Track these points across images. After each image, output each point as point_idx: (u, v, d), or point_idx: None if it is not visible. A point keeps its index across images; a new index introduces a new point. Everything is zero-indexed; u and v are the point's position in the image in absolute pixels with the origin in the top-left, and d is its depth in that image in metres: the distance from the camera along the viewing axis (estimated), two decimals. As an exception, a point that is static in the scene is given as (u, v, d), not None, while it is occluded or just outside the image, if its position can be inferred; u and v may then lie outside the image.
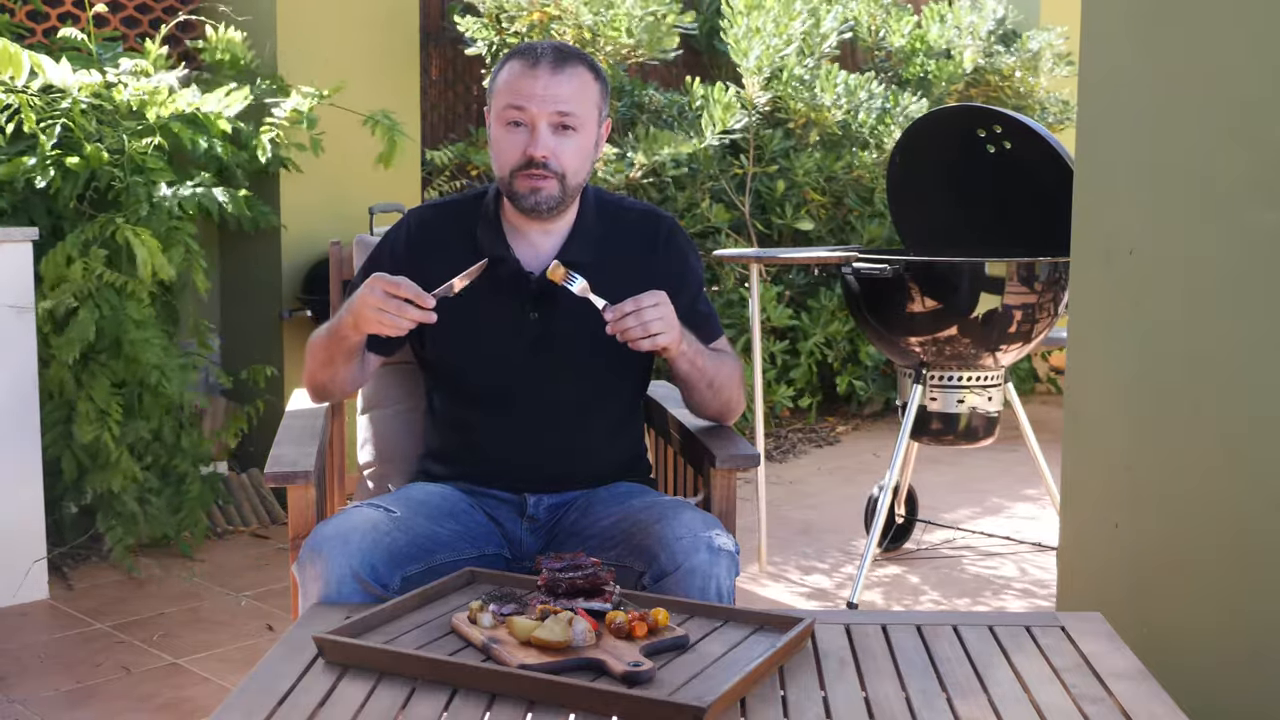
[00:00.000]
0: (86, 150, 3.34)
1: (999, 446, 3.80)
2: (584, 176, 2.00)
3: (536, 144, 1.92)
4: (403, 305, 1.82)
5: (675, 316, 1.88)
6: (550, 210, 1.98)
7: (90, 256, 3.34)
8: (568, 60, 1.95)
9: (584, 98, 1.95)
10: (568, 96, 1.93)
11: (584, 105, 1.95)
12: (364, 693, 1.41)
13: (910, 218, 3.69)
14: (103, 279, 3.33)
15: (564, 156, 1.94)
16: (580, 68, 1.96)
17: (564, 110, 1.93)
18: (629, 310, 1.83)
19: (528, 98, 1.92)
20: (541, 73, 1.92)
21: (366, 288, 1.85)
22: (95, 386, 3.38)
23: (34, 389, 3.27)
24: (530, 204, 1.96)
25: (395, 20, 4.47)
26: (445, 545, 1.88)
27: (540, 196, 1.95)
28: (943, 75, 5.82)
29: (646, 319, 1.83)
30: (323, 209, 4.17)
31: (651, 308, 1.84)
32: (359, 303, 1.86)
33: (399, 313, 1.82)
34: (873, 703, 1.41)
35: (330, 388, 2.08)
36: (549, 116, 1.92)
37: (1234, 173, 1.98)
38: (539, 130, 1.93)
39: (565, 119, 1.93)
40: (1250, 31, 1.95)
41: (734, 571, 1.81)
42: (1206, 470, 2.03)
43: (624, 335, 1.84)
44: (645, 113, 5.12)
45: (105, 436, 3.36)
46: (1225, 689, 2.01)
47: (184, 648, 3.00)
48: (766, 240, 5.41)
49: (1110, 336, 2.19)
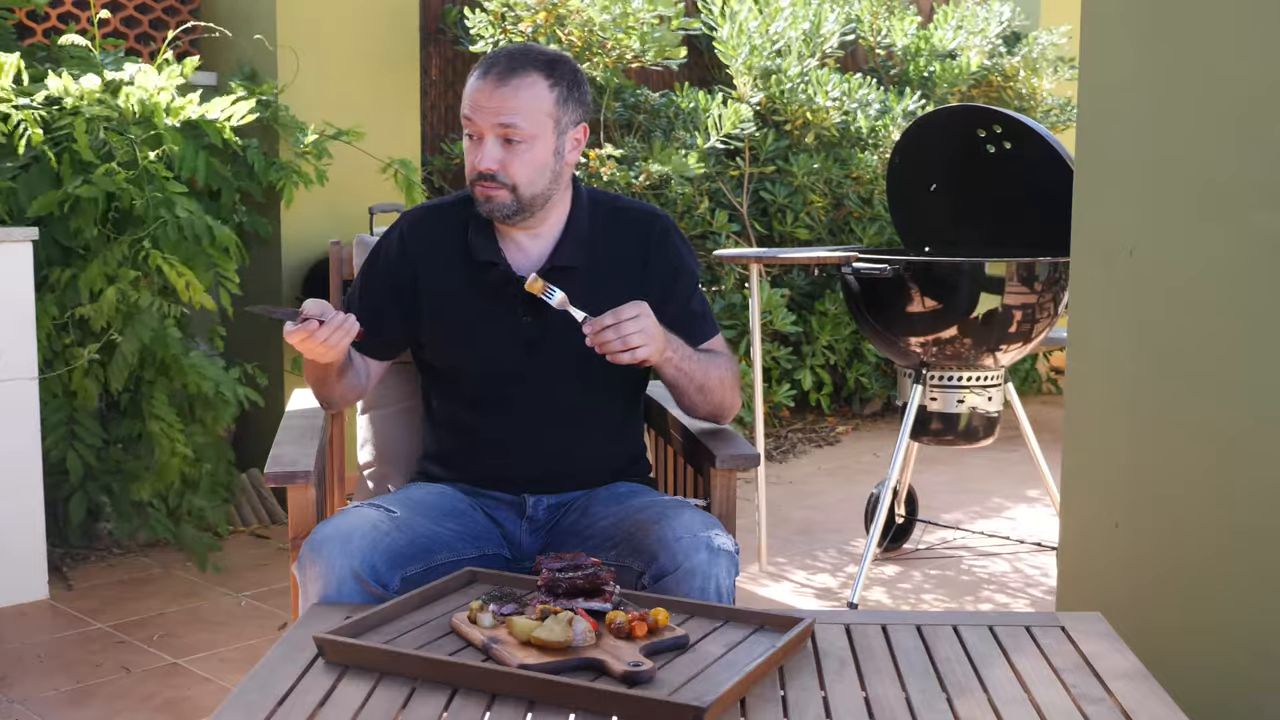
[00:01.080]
0: (96, 177, 3.34)
1: (999, 446, 3.80)
2: (543, 185, 1.96)
3: (481, 156, 1.92)
4: (326, 332, 1.83)
5: (657, 327, 1.86)
6: (509, 218, 1.96)
7: (120, 277, 3.36)
8: (517, 70, 1.91)
9: (533, 108, 1.91)
10: (513, 108, 1.89)
11: (532, 116, 1.91)
12: (364, 693, 1.41)
13: (910, 218, 3.69)
14: (135, 304, 3.37)
15: (512, 168, 1.92)
16: (532, 76, 1.91)
17: (506, 122, 1.90)
18: (608, 324, 1.82)
19: (476, 109, 1.91)
20: (488, 84, 1.90)
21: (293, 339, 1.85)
22: (156, 405, 3.49)
23: (35, 389, 3.27)
24: (486, 211, 1.96)
25: (395, 20, 4.47)
26: (445, 545, 1.88)
27: (493, 205, 1.94)
28: (946, 76, 5.82)
29: (625, 332, 1.82)
30: (323, 209, 4.17)
31: (630, 320, 1.82)
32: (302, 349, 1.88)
33: (326, 339, 1.83)
34: (873, 703, 1.41)
35: (333, 399, 2.09)
36: (492, 129, 1.91)
37: (1234, 173, 1.98)
38: (485, 142, 1.92)
39: (509, 131, 1.90)
40: (1250, 31, 1.95)
41: (734, 571, 1.81)
42: (1206, 470, 2.03)
43: (602, 348, 1.83)
44: (641, 113, 5.12)
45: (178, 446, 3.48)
46: (1225, 689, 2.01)
47: (184, 648, 3.00)
48: (767, 243, 5.41)
49: (1110, 336, 2.19)
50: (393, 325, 2.05)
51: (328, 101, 4.17)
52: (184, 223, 3.44)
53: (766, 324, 5.04)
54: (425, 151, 4.84)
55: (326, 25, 4.26)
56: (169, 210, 3.43)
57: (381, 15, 4.43)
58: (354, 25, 4.34)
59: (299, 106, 4.07)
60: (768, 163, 5.34)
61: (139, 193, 3.40)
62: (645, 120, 5.11)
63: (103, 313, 3.34)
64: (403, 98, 4.49)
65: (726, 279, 5.13)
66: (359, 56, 4.35)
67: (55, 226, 3.42)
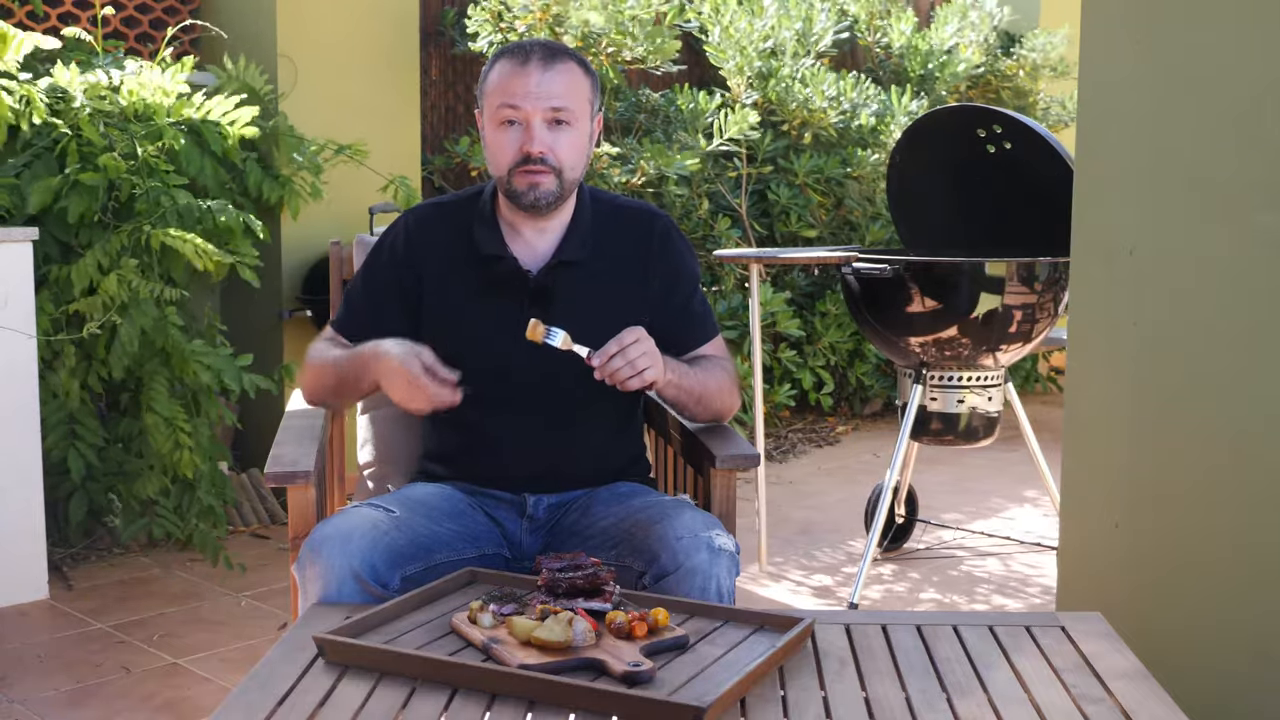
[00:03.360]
0: (101, 161, 3.34)
1: (999, 446, 3.80)
2: (580, 171, 2.01)
3: (532, 140, 1.94)
4: (436, 384, 1.84)
5: (656, 349, 1.88)
6: (549, 205, 1.99)
7: (123, 266, 3.35)
8: (557, 56, 1.96)
9: (576, 93, 1.96)
10: (560, 92, 1.94)
11: (576, 100, 1.96)
12: (364, 693, 1.41)
13: (910, 217, 3.69)
14: (136, 290, 3.35)
15: (560, 151, 1.96)
16: (570, 63, 1.97)
17: (557, 105, 1.94)
18: (614, 352, 1.84)
19: (521, 96, 1.93)
20: (533, 70, 1.94)
21: (408, 357, 1.84)
22: (155, 396, 3.43)
23: (35, 389, 3.27)
24: (530, 200, 1.97)
25: (395, 20, 4.47)
26: (445, 545, 1.88)
27: (539, 192, 1.96)
28: (944, 76, 5.82)
29: (631, 357, 1.84)
30: (323, 209, 4.17)
31: (634, 344, 1.84)
32: (392, 370, 1.86)
33: (435, 390, 1.83)
34: (873, 703, 1.41)
35: (333, 406, 2.10)
36: (543, 113, 1.94)
37: (1234, 173, 1.98)
38: (534, 126, 1.94)
39: (559, 114, 1.94)
40: (1250, 31, 1.95)
41: (734, 571, 1.81)
42: (1206, 470, 2.03)
43: (613, 378, 1.85)
44: (643, 113, 5.12)
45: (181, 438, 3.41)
46: (1226, 689, 2.01)
47: (184, 648, 3.00)
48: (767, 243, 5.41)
49: (1110, 336, 2.19)
50: (395, 322, 2.05)
51: (328, 106, 4.17)
52: (182, 209, 3.44)
53: (768, 325, 5.04)
54: (426, 152, 4.84)
55: (327, 26, 4.26)
56: (170, 200, 3.43)
57: (381, 15, 4.43)
58: (353, 27, 4.34)
59: (299, 110, 4.07)
60: (765, 163, 5.34)
61: (140, 182, 3.40)
62: (646, 120, 5.12)
63: (98, 304, 3.32)
64: (403, 98, 4.49)
65: (727, 279, 5.13)
66: (359, 58, 4.35)
67: (54, 223, 3.42)
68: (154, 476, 3.50)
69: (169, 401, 3.45)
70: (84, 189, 3.34)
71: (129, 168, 3.39)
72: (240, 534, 3.92)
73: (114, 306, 3.33)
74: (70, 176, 3.32)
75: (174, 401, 3.47)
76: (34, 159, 3.39)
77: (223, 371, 3.48)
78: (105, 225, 3.45)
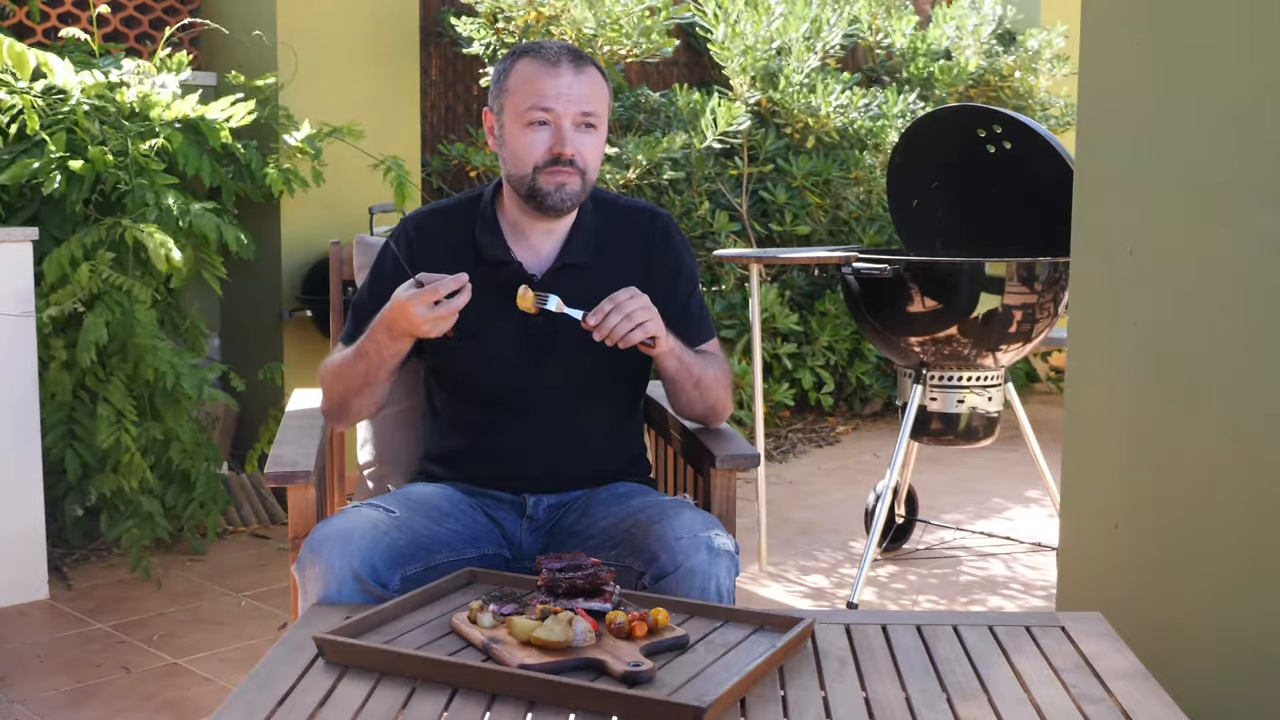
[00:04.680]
0: (91, 153, 3.34)
1: (999, 446, 3.80)
2: (598, 173, 2.04)
3: (565, 142, 1.95)
4: (447, 301, 1.84)
5: (653, 305, 1.88)
6: (572, 206, 2.00)
7: (97, 259, 3.34)
8: (584, 62, 1.99)
9: (601, 97, 1.99)
10: (589, 95, 1.97)
11: (601, 104, 1.99)
12: (364, 693, 1.41)
13: (910, 218, 3.69)
14: (110, 281, 3.33)
15: (587, 153, 1.98)
16: (594, 68, 2.00)
17: (587, 110, 1.96)
18: (608, 309, 1.84)
19: (554, 98, 1.94)
20: (564, 72, 1.95)
21: (409, 301, 1.84)
22: (111, 390, 3.39)
23: (34, 389, 3.27)
24: (555, 200, 1.97)
25: (395, 20, 4.47)
26: (445, 545, 1.88)
27: (565, 193, 1.97)
28: (945, 76, 5.82)
29: (629, 310, 1.84)
30: (323, 209, 4.17)
31: (629, 300, 1.85)
32: (404, 316, 1.85)
33: (447, 309, 1.84)
34: (873, 703, 1.41)
35: (364, 409, 2.06)
36: (573, 115, 1.95)
37: (1234, 173, 1.98)
38: (564, 129, 1.95)
39: (588, 118, 1.97)
40: (1250, 31, 1.95)
41: (734, 571, 1.81)
42: (1206, 470, 2.03)
43: (611, 335, 1.84)
44: (643, 113, 5.12)
45: (124, 439, 3.36)
46: (1226, 689, 2.01)
47: (184, 648, 3.00)
48: (767, 243, 5.41)
49: (1110, 336, 2.19)
50: None
51: (327, 103, 4.17)
52: (164, 209, 3.43)
53: (767, 321, 5.04)
54: (425, 153, 4.84)
55: (326, 26, 4.26)
56: (155, 199, 3.43)
57: (381, 15, 4.43)
58: (354, 26, 4.34)
59: (298, 108, 4.07)
60: (766, 162, 5.34)
61: (126, 178, 3.39)
62: (645, 120, 5.11)
63: (70, 294, 3.30)
64: (403, 98, 4.49)
65: (726, 279, 5.13)
66: (359, 58, 4.34)
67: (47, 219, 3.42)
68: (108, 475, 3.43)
69: (123, 397, 3.38)
70: (69, 176, 3.33)
71: (117, 163, 3.39)
72: (240, 534, 3.92)
73: (82, 295, 3.31)
74: (52, 159, 3.30)
75: (128, 399, 3.40)
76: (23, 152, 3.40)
77: (181, 375, 3.41)
78: (87, 218, 3.44)
